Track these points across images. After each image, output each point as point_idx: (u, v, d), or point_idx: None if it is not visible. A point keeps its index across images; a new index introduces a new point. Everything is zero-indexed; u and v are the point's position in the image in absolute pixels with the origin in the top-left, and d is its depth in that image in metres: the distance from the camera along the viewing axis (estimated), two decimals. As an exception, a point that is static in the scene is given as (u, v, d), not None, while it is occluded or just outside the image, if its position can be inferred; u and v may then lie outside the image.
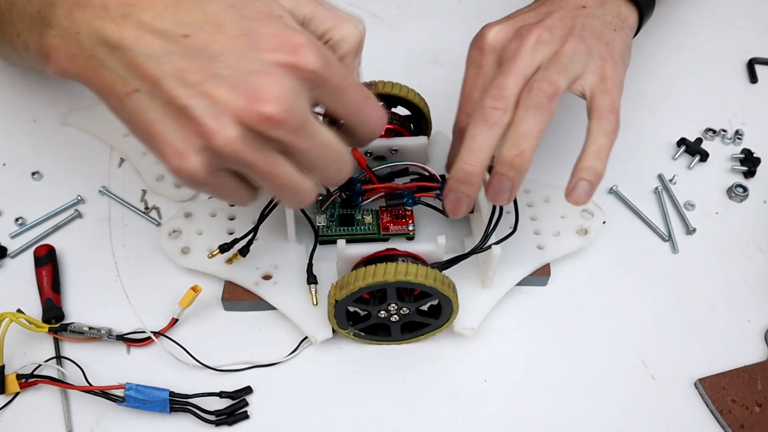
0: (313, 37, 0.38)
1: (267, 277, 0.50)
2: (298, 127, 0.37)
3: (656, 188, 0.59)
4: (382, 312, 0.46)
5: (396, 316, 0.47)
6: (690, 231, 0.56)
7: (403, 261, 0.45)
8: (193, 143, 0.37)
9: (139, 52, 0.37)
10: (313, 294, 0.48)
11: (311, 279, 0.48)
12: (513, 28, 0.49)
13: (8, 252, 0.53)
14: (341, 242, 0.46)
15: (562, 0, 0.50)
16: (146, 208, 0.56)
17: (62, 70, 0.39)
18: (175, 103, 0.36)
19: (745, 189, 0.59)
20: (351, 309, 0.47)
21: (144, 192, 0.57)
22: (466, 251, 0.47)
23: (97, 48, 0.37)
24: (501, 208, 0.48)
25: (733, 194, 0.59)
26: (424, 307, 0.47)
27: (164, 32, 0.37)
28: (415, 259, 0.47)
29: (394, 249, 0.47)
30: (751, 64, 0.68)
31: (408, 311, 0.46)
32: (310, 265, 0.48)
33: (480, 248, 0.47)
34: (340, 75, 0.39)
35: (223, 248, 0.49)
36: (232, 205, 0.54)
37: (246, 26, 0.37)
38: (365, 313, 0.47)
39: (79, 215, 0.55)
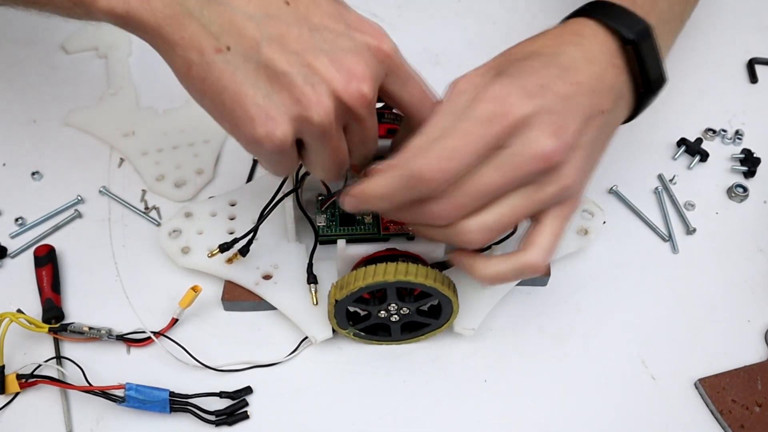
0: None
1: (267, 277, 0.50)
2: (373, 105, 0.39)
3: (656, 188, 0.59)
4: (382, 312, 0.46)
5: (396, 316, 0.47)
6: (690, 231, 0.56)
7: (404, 261, 0.45)
8: (288, 110, 0.37)
9: (239, 9, 0.36)
10: (314, 294, 0.48)
11: (311, 279, 0.48)
12: (545, 121, 0.39)
13: (8, 252, 0.53)
14: (341, 242, 0.46)
15: (588, 97, 0.41)
16: (146, 208, 0.56)
17: (124, 9, 0.36)
18: (274, 67, 0.36)
19: (745, 189, 0.59)
20: (351, 309, 0.47)
21: (144, 192, 0.57)
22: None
23: None
24: None
25: (733, 194, 0.59)
26: (424, 307, 0.47)
27: None
28: (416, 258, 0.47)
29: (395, 249, 0.47)
30: (751, 64, 0.68)
31: (408, 311, 0.46)
32: (310, 265, 0.48)
33: (480, 249, 0.47)
34: (407, 64, 0.40)
35: (223, 248, 0.49)
36: (232, 205, 0.54)
37: (336, 7, 0.39)
38: (365, 313, 0.47)
39: (79, 215, 0.55)
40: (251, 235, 0.49)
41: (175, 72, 0.38)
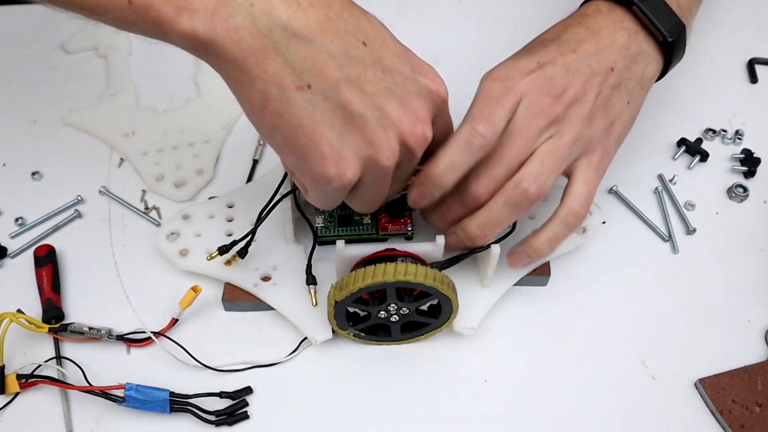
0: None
1: (266, 279, 0.50)
2: (422, 144, 0.41)
3: (656, 188, 0.59)
4: (382, 312, 0.46)
5: (396, 316, 0.47)
6: (690, 231, 0.56)
7: (403, 261, 0.45)
8: (360, 151, 0.38)
9: (323, 47, 0.36)
10: (313, 295, 0.48)
11: (310, 280, 0.48)
12: (544, 89, 0.45)
13: (8, 252, 0.53)
14: (340, 243, 0.46)
15: (592, 59, 0.47)
16: (146, 208, 0.56)
17: (209, 35, 0.34)
18: (351, 109, 0.37)
19: (745, 189, 0.59)
20: (351, 309, 0.47)
21: (144, 192, 0.57)
22: (466, 251, 0.47)
23: (274, 30, 0.35)
24: None
25: (733, 194, 0.59)
26: (424, 307, 0.47)
27: (346, 34, 0.37)
28: (415, 259, 0.47)
29: (394, 249, 0.47)
30: (751, 64, 0.68)
31: (408, 311, 0.46)
32: (309, 266, 0.48)
33: (479, 248, 0.47)
34: (447, 103, 0.43)
35: (222, 250, 0.49)
36: (230, 207, 0.54)
37: (402, 48, 0.40)
38: (365, 313, 0.47)
39: (79, 215, 0.55)
40: (249, 237, 0.49)
41: (248, 104, 0.37)
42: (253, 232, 0.48)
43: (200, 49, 0.36)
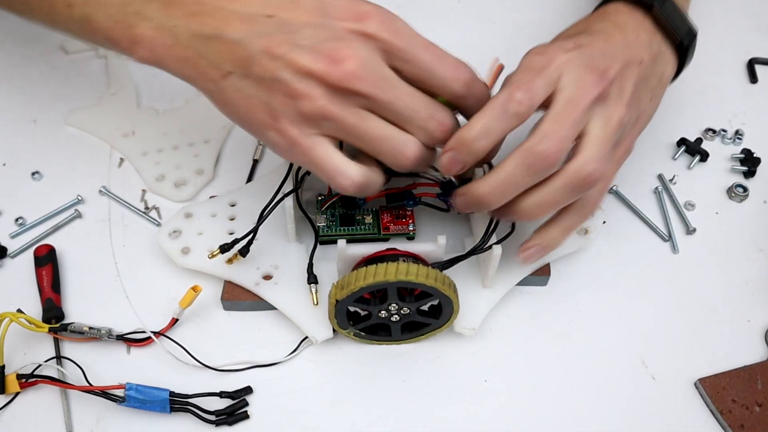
0: (381, 7, 0.42)
1: (267, 278, 0.50)
2: (377, 80, 0.40)
3: (656, 188, 0.59)
4: (382, 312, 0.46)
5: (396, 316, 0.47)
6: (690, 231, 0.56)
7: (404, 261, 0.45)
8: (287, 110, 0.40)
9: (230, 37, 0.41)
10: (314, 294, 0.48)
11: (312, 279, 0.48)
12: (587, 65, 0.44)
13: (8, 252, 0.53)
14: (342, 242, 0.46)
15: (624, 49, 0.47)
16: (146, 208, 0.56)
17: (155, 59, 0.43)
18: (267, 77, 0.40)
19: (745, 189, 0.59)
20: (351, 309, 0.47)
21: (144, 192, 0.57)
22: (467, 251, 0.47)
23: (193, 40, 0.42)
24: None
25: (733, 194, 0.59)
26: (425, 307, 0.47)
27: (251, 16, 0.41)
28: (416, 259, 0.47)
29: (395, 249, 0.47)
30: (751, 64, 0.68)
31: (408, 311, 0.46)
32: (310, 265, 0.48)
33: (480, 248, 0.47)
34: (407, 38, 0.42)
35: (224, 248, 0.49)
36: (232, 205, 0.54)
37: (318, 2, 0.41)
38: (366, 313, 0.47)
39: (79, 215, 0.55)
40: (251, 235, 0.49)
41: (210, 100, 0.44)
42: (254, 231, 0.48)
43: (159, 67, 0.44)
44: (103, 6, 0.44)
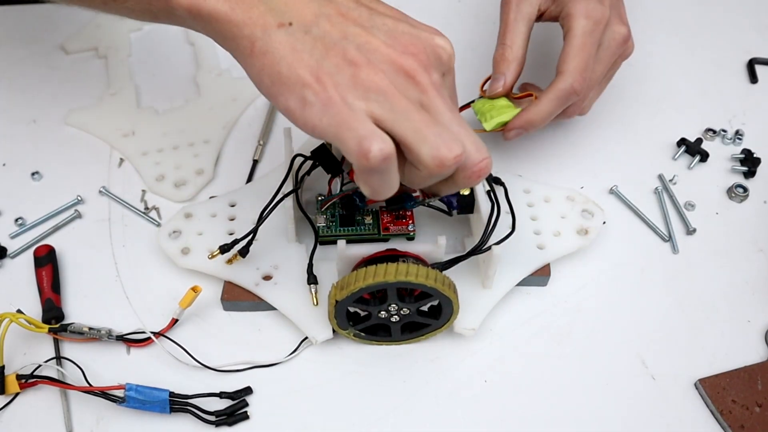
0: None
1: (267, 278, 0.50)
2: (437, 86, 0.40)
3: (656, 188, 0.59)
4: (382, 312, 0.46)
5: (396, 316, 0.47)
6: (690, 231, 0.56)
7: (404, 261, 0.45)
8: (339, 75, 0.38)
9: None
10: (314, 294, 0.48)
11: (311, 279, 0.48)
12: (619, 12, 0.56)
13: (8, 252, 0.53)
14: (341, 242, 0.46)
15: None
16: (146, 208, 0.56)
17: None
18: (330, 38, 0.39)
19: (745, 189, 0.59)
20: (351, 309, 0.47)
21: (144, 192, 0.57)
22: (467, 252, 0.47)
23: None
24: (499, 209, 0.48)
25: (733, 194, 0.59)
26: (424, 308, 0.47)
27: None
28: (416, 259, 0.47)
29: (395, 249, 0.47)
30: (751, 64, 0.68)
31: (408, 312, 0.46)
32: (310, 266, 0.48)
33: (480, 249, 0.47)
34: (453, 74, 0.44)
35: (224, 249, 0.49)
36: (232, 206, 0.54)
37: (399, 11, 0.43)
38: (365, 313, 0.47)
39: (79, 215, 0.55)
40: (251, 235, 0.49)
41: (240, 56, 0.41)
42: (254, 231, 0.48)
43: (196, 14, 0.41)
44: None
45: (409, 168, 0.41)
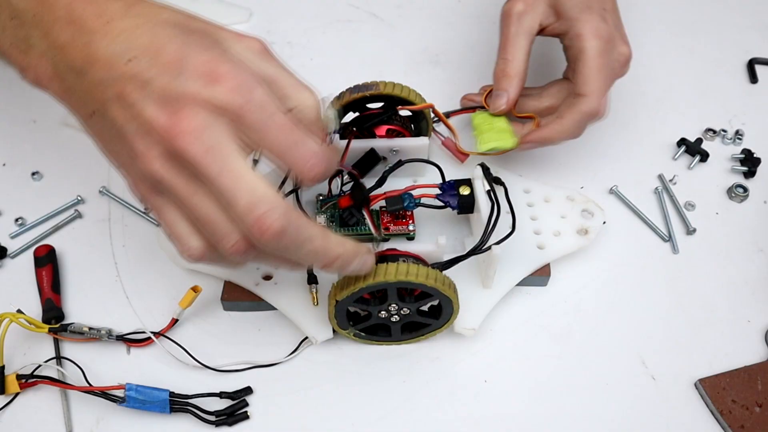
0: (242, 71, 0.37)
1: (267, 278, 0.50)
2: (205, 152, 0.36)
3: (656, 188, 0.59)
4: (382, 312, 0.46)
5: (396, 316, 0.47)
6: (690, 231, 0.56)
7: (404, 261, 0.45)
8: (133, 166, 0.39)
9: (93, 77, 0.38)
10: (314, 294, 0.48)
11: (312, 279, 0.48)
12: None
13: (8, 252, 0.53)
14: None
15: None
16: (146, 208, 0.56)
17: (42, 86, 0.42)
18: (117, 124, 0.38)
19: (745, 189, 0.59)
20: (351, 309, 0.47)
21: (144, 192, 0.57)
22: (467, 251, 0.47)
23: (68, 73, 0.39)
24: (499, 209, 0.48)
25: (733, 194, 0.59)
26: (424, 308, 0.47)
27: (113, 57, 0.38)
28: (416, 259, 0.47)
29: (395, 249, 0.47)
30: (751, 64, 0.68)
31: (408, 311, 0.46)
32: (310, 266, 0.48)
33: (480, 249, 0.47)
34: (261, 113, 0.37)
35: None
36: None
37: (183, 51, 0.37)
38: (365, 313, 0.47)
39: (79, 215, 0.55)
40: None
41: None
42: None
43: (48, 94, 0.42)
44: (1, 27, 0.42)
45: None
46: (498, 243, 0.47)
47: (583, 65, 0.52)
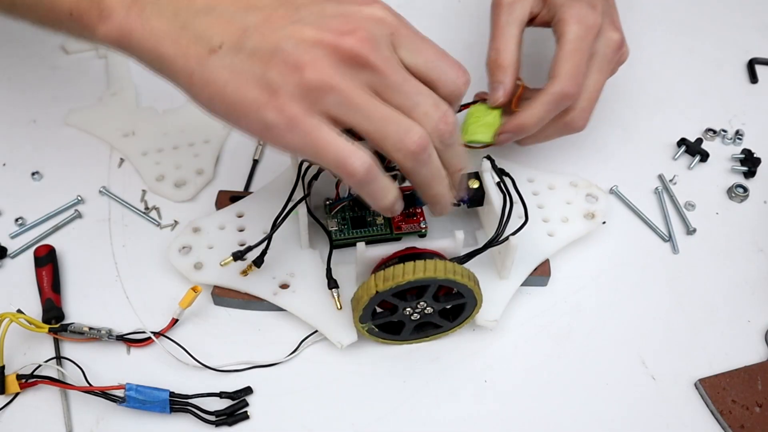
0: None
1: (284, 287, 0.49)
2: (385, 60, 0.38)
3: (656, 188, 0.59)
4: (408, 309, 0.46)
5: (417, 315, 0.46)
6: (690, 231, 0.56)
7: (439, 259, 0.44)
8: (287, 83, 0.37)
9: (225, 11, 0.38)
10: (336, 299, 0.47)
11: (332, 284, 0.47)
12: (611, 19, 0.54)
13: (8, 252, 0.53)
14: (361, 245, 0.46)
15: None
16: (146, 208, 0.56)
17: (124, 34, 0.39)
18: (263, 48, 0.37)
19: (745, 189, 0.59)
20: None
21: (144, 192, 0.57)
22: (480, 245, 0.47)
23: (175, 15, 0.38)
24: (511, 200, 0.48)
25: (733, 194, 0.59)
26: (447, 307, 0.47)
27: None
28: (438, 256, 0.46)
29: (414, 248, 0.46)
30: (751, 64, 0.68)
31: (431, 311, 0.46)
32: (329, 270, 0.48)
33: (496, 240, 0.47)
34: (413, 29, 0.41)
35: (236, 255, 0.47)
36: (240, 216, 0.53)
37: None
38: (381, 310, 0.46)
39: (79, 215, 0.55)
40: (265, 244, 0.48)
41: (181, 88, 0.40)
42: (269, 239, 0.47)
43: (125, 47, 0.40)
44: None
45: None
46: (514, 233, 0.47)
47: (559, 49, 0.51)
